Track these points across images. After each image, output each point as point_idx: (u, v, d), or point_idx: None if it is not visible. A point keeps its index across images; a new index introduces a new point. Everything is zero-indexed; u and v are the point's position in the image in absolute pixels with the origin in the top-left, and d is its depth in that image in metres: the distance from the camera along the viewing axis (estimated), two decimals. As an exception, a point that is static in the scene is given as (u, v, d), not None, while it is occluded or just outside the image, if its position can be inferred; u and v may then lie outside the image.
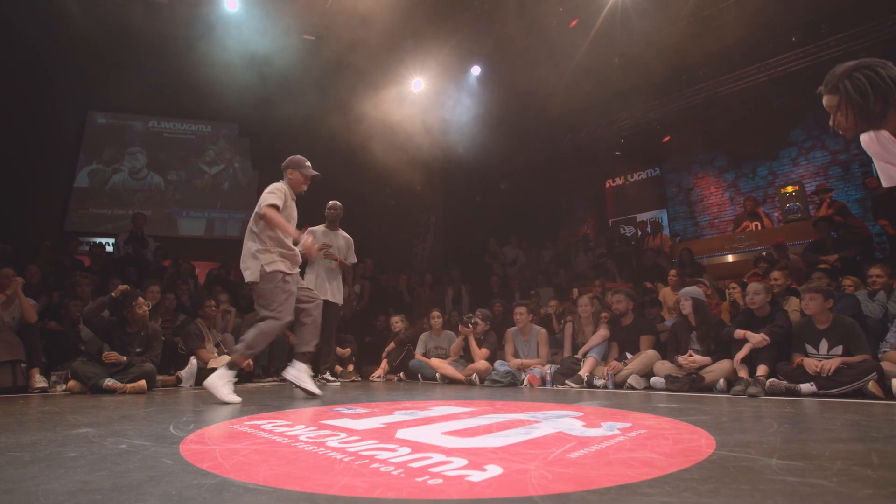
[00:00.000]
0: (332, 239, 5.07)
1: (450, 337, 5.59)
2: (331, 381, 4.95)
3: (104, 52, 8.32)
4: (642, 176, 10.84)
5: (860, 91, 1.58)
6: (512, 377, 4.68)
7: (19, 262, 5.31)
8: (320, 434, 1.97)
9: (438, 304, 7.71)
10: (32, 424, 2.34)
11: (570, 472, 1.39)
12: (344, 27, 7.48)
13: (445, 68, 8.65)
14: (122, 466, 1.47)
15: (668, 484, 1.27)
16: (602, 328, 4.79)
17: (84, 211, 9.52)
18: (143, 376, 3.97)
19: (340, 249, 5.08)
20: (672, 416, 2.45)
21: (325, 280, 4.92)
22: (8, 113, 7.97)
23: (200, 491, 1.22)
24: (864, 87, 1.57)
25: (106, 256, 7.15)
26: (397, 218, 10.68)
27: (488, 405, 3.00)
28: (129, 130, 10.25)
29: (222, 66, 8.09)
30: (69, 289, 5.31)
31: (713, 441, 1.81)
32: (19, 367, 4.11)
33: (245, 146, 10.67)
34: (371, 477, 1.34)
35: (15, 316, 4.32)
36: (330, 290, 4.93)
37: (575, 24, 7.98)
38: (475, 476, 1.34)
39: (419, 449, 1.67)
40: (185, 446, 1.76)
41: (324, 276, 4.92)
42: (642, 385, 4.20)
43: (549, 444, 1.75)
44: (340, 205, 5.18)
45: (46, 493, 1.21)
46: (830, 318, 3.58)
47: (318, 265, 4.94)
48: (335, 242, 5.06)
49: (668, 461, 1.50)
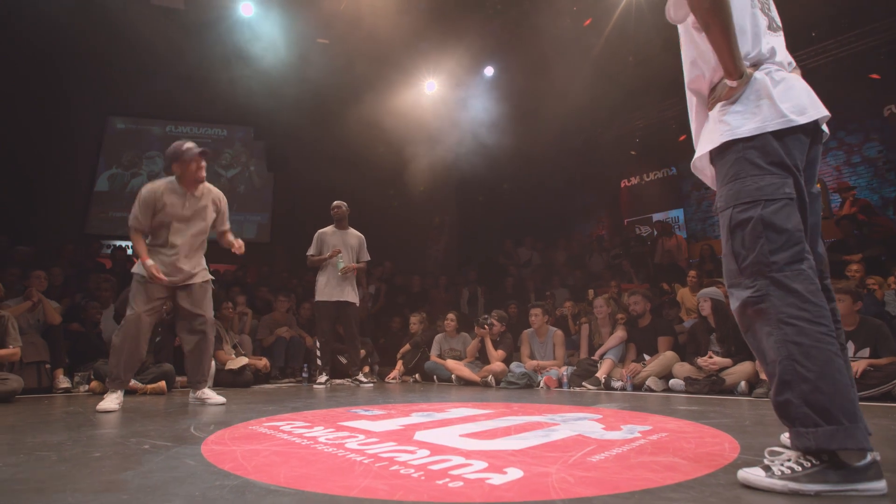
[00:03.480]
0: (343, 238, 5.03)
1: (464, 339, 5.58)
2: (364, 382, 4.95)
3: (122, 58, 8.47)
4: (658, 175, 10.71)
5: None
6: (528, 379, 4.66)
7: (42, 265, 5.42)
8: (339, 435, 1.97)
9: (453, 306, 7.70)
10: (58, 424, 2.39)
11: (592, 475, 1.37)
12: (357, 30, 7.51)
13: (458, 70, 8.64)
14: (146, 467, 1.49)
15: (692, 489, 1.25)
16: (619, 330, 4.74)
17: (104, 214, 9.69)
18: (162, 377, 4.04)
19: (353, 248, 5.05)
20: (693, 419, 2.41)
21: (339, 281, 4.92)
22: (30, 120, 8.15)
23: (223, 492, 1.23)
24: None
25: (126, 259, 7.28)
26: (410, 219, 10.69)
27: (505, 407, 2.99)
28: (147, 135, 10.41)
29: (237, 71, 8.20)
30: (92, 291, 5.41)
31: (737, 445, 1.78)
32: (44, 367, 4.20)
33: (260, 149, 10.77)
34: (391, 479, 1.34)
35: (39, 318, 4.41)
36: (345, 290, 4.94)
37: (588, 23, 7.93)
38: (496, 479, 1.33)
39: (438, 451, 1.67)
40: (206, 447, 1.78)
41: (338, 277, 4.92)
42: (661, 387, 4.15)
43: (568, 447, 1.74)
44: (345, 204, 5.17)
45: (74, 492, 1.23)
46: (857, 320, 3.49)
47: (330, 268, 4.94)
48: (347, 242, 5.03)
49: (692, 465, 1.48)
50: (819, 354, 1.19)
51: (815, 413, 1.17)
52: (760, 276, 1.26)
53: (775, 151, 1.30)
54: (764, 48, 1.41)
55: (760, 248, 1.26)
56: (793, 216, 1.28)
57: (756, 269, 1.27)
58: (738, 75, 1.34)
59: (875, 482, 1.15)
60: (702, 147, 1.46)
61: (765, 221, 1.26)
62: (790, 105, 1.32)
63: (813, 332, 1.20)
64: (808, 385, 1.18)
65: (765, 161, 1.30)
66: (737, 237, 1.31)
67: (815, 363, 1.18)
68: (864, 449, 1.15)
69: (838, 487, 1.15)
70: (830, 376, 1.18)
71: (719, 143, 1.37)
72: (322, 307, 4.92)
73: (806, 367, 1.18)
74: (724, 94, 1.38)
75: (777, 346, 1.22)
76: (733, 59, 1.33)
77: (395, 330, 6.91)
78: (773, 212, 1.27)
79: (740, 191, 1.31)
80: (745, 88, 1.36)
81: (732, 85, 1.35)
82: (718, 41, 1.32)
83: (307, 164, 9.60)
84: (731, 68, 1.34)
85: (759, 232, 1.27)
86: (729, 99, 1.38)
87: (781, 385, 1.22)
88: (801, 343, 1.20)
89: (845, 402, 1.17)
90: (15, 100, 7.86)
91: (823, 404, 1.16)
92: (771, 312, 1.24)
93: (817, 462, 1.18)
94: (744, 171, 1.31)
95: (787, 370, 1.20)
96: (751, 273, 1.28)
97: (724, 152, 1.37)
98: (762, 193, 1.28)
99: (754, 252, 1.27)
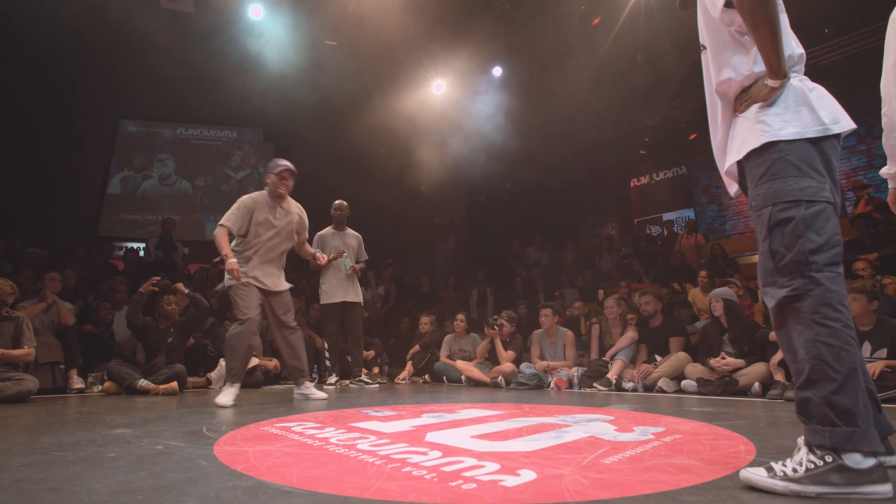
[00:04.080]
0: (343, 239, 5.05)
1: (473, 339, 5.57)
2: (369, 383, 4.97)
3: (132, 62, 8.55)
4: (668, 175, 10.63)
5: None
6: (538, 380, 4.63)
7: (56, 267, 5.49)
8: (350, 437, 1.97)
9: (463, 306, 7.69)
10: (72, 425, 2.41)
11: (606, 477, 1.36)
12: (365, 32, 7.53)
13: (466, 70, 8.63)
14: (160, 467, 1.49)
15: (709, 492, 1.23)
16: (630, 330, 4.70)
17: (116, 217, 9.80)
18: (174, 377, 4.07)
19: (353, 249, 5.07)
20: (706, 421, 2.39)
21: (342, 281, 4.92)
22: (42, 124, 8.26)
23: (237, 493, 1.24)
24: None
25: (138, 261, 7.35)
26: (419, 220, 10.70)
27: (516, 408, 2.97)
28: (158, 138, 10.52)
29: (247, 73, 8.25)
30: (106, 292, 5.47)
31: (752, 447, 1.75)
32: (58, 368, 4.25)
33: (269, 151, 10.83)
34: (404, 481, 1.33)
35: (54, 319, 4.47)
36: (349, 291, 4.94)
37: (597, 22, 7.88)
38: (509, 481, 1.32)
39: (450, 452, 1.66)
40: (218, 447, 1.78)
41: (341, 278, 4.91)
42: (672, 388, 4.11)
43: (581, 449, 1.72)
44: (346, 204, 5.19)
45: (90, 492, 1.24)
46: (874, 320, 3.43)
47: (332, 270, 4.95)
48: (347, 242, 5.04)
49: (708, 468, 1.46)
50: (848, 358, 1.20)
51: (835, 414, 1.18)
52: (799, 276, 1.27)
53: (814, 157, 1.31)
54: (794, 52, 1.41)
55: (801, 246, 1.26)
56: (832, 220, 1.29)
57: (795, 268, 1.27)
58: (783, 76, 1.34)
59: (880, 485, 1.14)
60: (739, 150, 1.43)
61: (807, 221, 1.27)
62: (827, 113, 1.33)
63: (844, 335, 1.22)
64: (833, 386, 1.19)
65: (805, 164, 1.31)
66: (776, 236, 1.30)
67: (844, 366, 1.19)
68: (877, 452, 1.15)
69: (841, 490, 1.15)
70: (855, 380, 1.19)
71: (760, 144, 1.35)
72: (328, 310, 4.94)
73: (834, 368, 1.20)
74: (763, 95, 1.37)
75: (808, 345, 1.23)
76: (779, 58, 1.32)
77: (405, 331, 6.91)
78: (814, 213, 1.27)
79: (781, 189, 1.30)
80: (783, 92, 1.36)
81: (775, 85, 1.35)
82: (767, 40, 1.31)
83: (316, 166, 9.61)
84: (777, 68, 1.33)
85: (801, 231, 1.27)
86: (767, 101, 1.37)
87: (807, 383, 1.23)
88: (832, 345, 1.21)
89: (863, 406, 1.18)
90: (28, 104, 7.97)
91: (846, 406, 1.17)
92: (806, 311, 1.25)
93: (821, 463, 1.17)
94: (784, 171, 1.31)
95: (816, 370, 1.22)
96: (789, 272, 1.28)
97: (763, 152, 1.36)
98: (804, 194, 1.28)
99: (794, 251, 1.27)
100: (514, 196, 10.86)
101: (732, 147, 1.48)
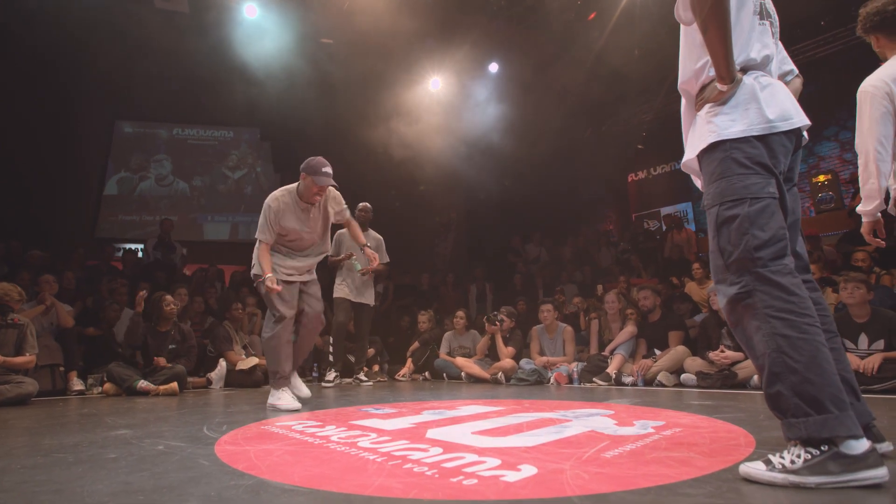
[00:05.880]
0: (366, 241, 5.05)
1: (473, 336, 5.58)
2: (364, 381, 4.98)
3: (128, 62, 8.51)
4: (666, 169, 10.62)
5: None
6: (538, 375, 4.64)
7: (55, 269, 5.48)
8: (351, 434, 1.98)
9: (462, 303, 7.70)
10: (73, 426, 2.41)
11: (607, 471, 1.36)
12: (361, 29, 7.51)
13: (463, 66, 8.61)
14: (161, 467, 1.50)
15: (709, 484, 1.24)
16: (629, 325, 4.71)
17: (114, 218, 9.77)
18: (174, 378, 4.06)
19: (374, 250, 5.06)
20: (706, 414, 2.39)
21: (358, 284, 4.93)
22: (38, 125, 8.23)
23: (238, 492, 1.24)
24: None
25: (137, 262, 7.33)
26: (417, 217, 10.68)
27: (516, 404, 2.98)
28: (154, 138, 10.48)
29: (242, 73, 8.21)
30: (106, 294, 5.46)
31: (752, 439, 1.76)
32: (58, 370, 4.25)
33: (266, 150, 10.81)
34: (405, 477, 1.34)
35: (53, 321, 4.46)
36: (364, 293, 4.96)
37: (593, 16, 7.86)
38: (510, 476, 1.32)
39: (451, 449, 1.67)
40: (219, 447, 1.79)
41: (357, 280, 4.91)
42: (672, 382, 4.12)
43: (581, 444, 1.73)
44: (370, 207, 5.19)
45: (92, 493, 1.24)
46: (870, 312, 3.44)
47: (345, 270, 4.94)
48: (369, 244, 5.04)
49: (708, 461, 1.46)
50: (806, 346, 1.21)
51: (805, 403, 1.19)
52: (746, 272, 1.30)
53: (760, 154, 1.35)
54: (758, 55, 1.44)
55: (746, 244, 1.30)
56: (777, 215, 1.32)
57: (742, 265, 1.31)
58: (730, 80, 1.37)
59: (875, 469, 1.15)
60: (691, 149, 1.49)
61: (751, 218, 1.30)
62: (775, 110, 1.37)
63: (800, 323, 1.23)
64: (796, 376, 1.20)
65: (750, 162, 1.34)
66: (723, 234, 1.35)
67: (803, 354, 1.21)
68: (855, 436, 1.16)
69: (839, 479, 1.15)
70: (818, 366, 1.20)
71: (707, 144, 1.40)
72: (340, 302, 4.93)
73: (794, 358, 1.21)
74: (714, 97, 1.41)
75: (766, 339, 1.25)
76: (727, 63, 1.36)
77: (405, 328, 6.91)
78: (758, 210, 1.31)
79: (727, 189, 1.35)
80: (735, 91, 1.39)
81: (723, 89, 1.38)
82: (715, 45, 1.35)
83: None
84: (724, 72, 1.36)
85: (746, 228, 1.30)
86: (718, 101, 1.41)
87: (771, 377, 1.24)
88: (788, 335, 1.22)
89: (834, 390, 1.19)
90: (23, 106, 7.93)
91: (812, 394, 1.18)
92: (758, 307, 1.27)
93: (817, 453, 1.18)
94: (730, 170, 1.35)
95: (776, 362, 1.23)
96: (737, 269, 1.32)
97: (712, 152, 1.40)
98: (748, 192, 1.32)
99: (740, 248, 1.31)
100: (512, 192, 10.86)
101: (690, 144, 1.53)
